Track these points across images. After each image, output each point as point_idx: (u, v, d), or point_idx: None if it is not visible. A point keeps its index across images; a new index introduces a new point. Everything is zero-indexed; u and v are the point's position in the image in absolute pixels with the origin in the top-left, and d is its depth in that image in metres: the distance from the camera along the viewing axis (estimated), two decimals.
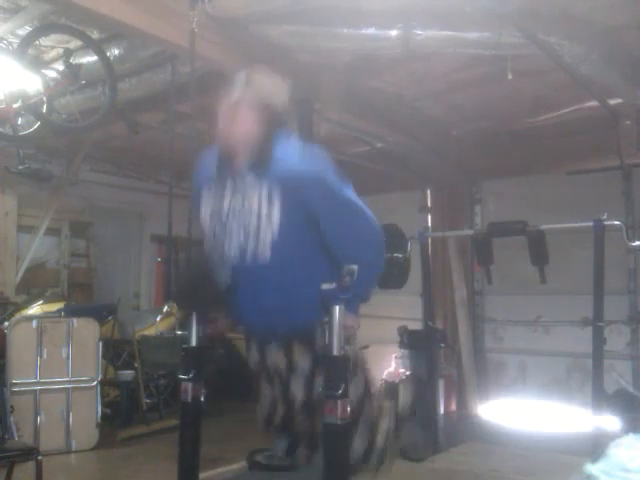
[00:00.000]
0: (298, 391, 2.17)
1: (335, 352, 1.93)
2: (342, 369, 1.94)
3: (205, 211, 2.25)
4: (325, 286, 1.98)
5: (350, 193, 2.20)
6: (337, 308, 1.95)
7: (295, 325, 2.12)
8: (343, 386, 1.91)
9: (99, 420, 5.22)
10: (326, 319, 1.97)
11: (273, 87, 2.21)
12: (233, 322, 2.39)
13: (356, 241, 2.15)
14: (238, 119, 2.15)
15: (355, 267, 1.99)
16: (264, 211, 2.09)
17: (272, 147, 2.15)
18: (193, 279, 2.31)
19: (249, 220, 2.11)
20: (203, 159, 2.35)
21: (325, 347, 1.97)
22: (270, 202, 2.09)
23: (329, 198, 2.13)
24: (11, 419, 4.43)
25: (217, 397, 6.12)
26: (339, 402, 1.89)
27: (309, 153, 2.24)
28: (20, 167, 4.24)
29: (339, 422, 1.89)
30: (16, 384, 4.86)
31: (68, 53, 4.17)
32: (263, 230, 2.09)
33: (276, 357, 2.21)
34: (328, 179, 2.14)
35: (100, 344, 5.36)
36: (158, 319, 6.86)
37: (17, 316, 5.52)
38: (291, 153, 2.18)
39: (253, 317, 2.20)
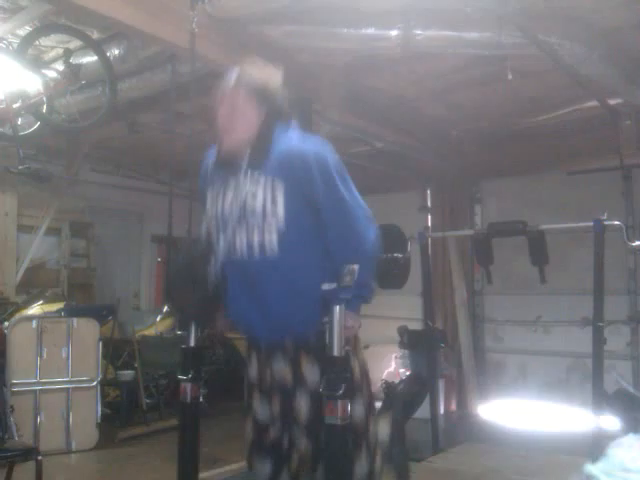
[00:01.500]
0: (304, 405, 2.06)
1: (336, 352, 1.93)
2: (343, 369, 1.94)
3: (210, 210, 2.21)
4: (326, 286, 1.97)
5: (349, 185, 2.16)
6: (337, 308, 1.94)
7: (303, 328, 2.05)
8: (344, 386, 1.90)
9: (99, 420, 5.22)
10: (326, 319, 1.96)
11: (266, 74, 2.16)
12: (233, 323, 2.31)
13: (356, 237, 2.10)
14: (235, 110, 2.10)
15: (356, 267, 1.97)
16: (268, 206, 2.04)
17: (272, 135, 2.10)
18: (184, 279, 2.20)
19: (254, 216, 2.06)
20: (206, 158, 2.31)
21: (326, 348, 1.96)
22: (274, 194, 2.04)
23: (330, 185, 2.07)
24: (11, 419, 4.42)
25: (217, 397, 6.14)
26: (339, 402, 1.89)
27: (311, 138, 2.20)
28: (20, 167, 4.23)
29: (339, 422, 1.89)
30: (16, 384, 4.86)
31: (68, 53, 4.18)
32: (268, 226, 2.04)
33: (281, 368, 2.10)
34: (330, 162, 2.10)
35: (100, 344, 5.36)
36: (158, 319, 6.86)
37: (17, 316, 5.51)
38: (292, 137, 2.13)
39: (258, 319, 2.10)
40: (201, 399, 2.21)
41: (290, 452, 2.11)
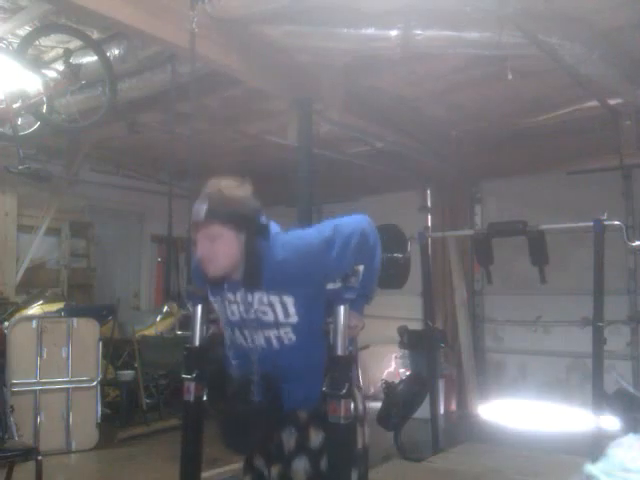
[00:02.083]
0: (301, 470, 2.07)
1: (340, 352, 1.93)
2: (346, 369, 1.94)
3: (221, 315, 2.17)
4: (330, 286, 1.97)
5: (343, 234, 2.06)
6: (342, 308, 1.94)
7: (316, 400, 2.04)
8: (347, 385, 1.90)
9: (99, 420, 5.22)
10: (330, 319, 1.96)
11: (235, 195, 2.04)
12: None
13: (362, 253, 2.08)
14: (214, 243, 2.01)
15: (361, 267, 1.98)
16: (281, 318, 2.02)
17: (260, 254, 2.04)
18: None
19: (269, 326, 2.04)
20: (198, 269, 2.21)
21: (330, 348, 1.97)
22: (285, 309, 2.02)
23: (335, 254, 2.02)
24: (11, 419, 4.43)
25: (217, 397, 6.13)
26: (342, 401, 1.89)
27: (297, 237, 2.12)
28: (20, 167, 4.23)
29: (342, 421, 1.90)
30: (16, 384, 4.87)
31: (68, 53, 4.17)
32: (284, 328, 2.03)
33: (288, 437, 2.11)
34: (323, 249, 2.03)
35: (100, 344, 5.36)
36: (158, 319, 6.87)
37: (17, 316, 5.52)
38: (285, 247, 2.06)
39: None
40: (204, 398, 2.20)
41: None
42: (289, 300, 2.02)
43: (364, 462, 2.14)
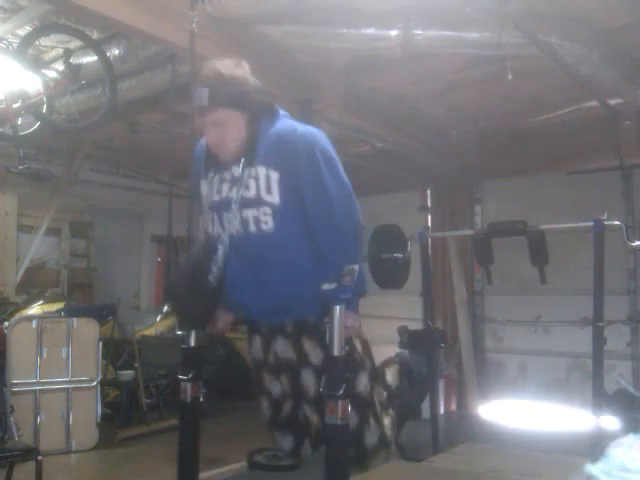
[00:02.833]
0: (310, 382, 2.13)
1: (336, 352, 1.93)
2: (343, 369, 1.94)
3: (207, 200, 2.21)
4: (326, 286, 1.97)
5: (337, 174, 2.13)
6: (338, 308, 1.94)
7: (301, 310, 2.08)
8: (344, 386, 1.90)
9: (99, 420, 5.22)
10: (327, 319, 1.96)
11: (234, 75, 2.07)
12: (234, 318, 2.31)
13: (339, 235, 2.09)
14: (221, 129, 2.05)
15: (356, 267, 1.98)
16: (263, 194, 2.04)
17: (260, 133, 2.07)
18: (186, 284, 2.15)
19: (250, 204, 2.07)
20: (200, 146, 2.28)
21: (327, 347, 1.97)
22: (268, 184, 2.04)
23: (316, 175, 2.06)
24: (11, 419, 4.43)
25: (217, 397, 6.13)
26: (340, 402, 1.89)
27: (302, 126, 2.18)
28: (20, 167, 4.23)
29: (339, 422, 1.89)
30: (16, 384, 4.86)
31: (68, 53, 4.17)
32: (263, 208, 2.04)
33: (284, 350, 2.16)
34: (317, 151, 2.09)
35: (100, 344, 5.36)
36: (158, 319, 6.87)
37: (17, 316, 5.51)
38: (284, 127, 2.11)
39: (256, 300, 2.12)
40: (201, 399, 2.20)
41: (308, 424, 2.19)
42: (274, 175, 2.03)
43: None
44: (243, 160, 2.09)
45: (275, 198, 2.03)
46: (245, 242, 2.09)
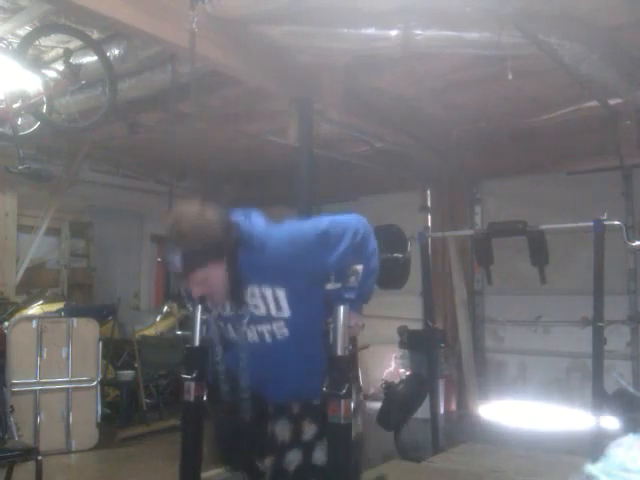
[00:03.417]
0: (296, 459, 2.09)
1: (339, 352, 1.93)
2: (346, 369, 1.95)
3: (212, 319, 2.18)
4: (330, 286, 1.97)
5: (336, 227, 2.06)
6: (342, 308, 1.94)
7: (311, 393, 2.05)
8: (347, 386, 1.91)
9: (99, 420, 5.22)
10: (330, 319, 1.96)
11: (204, 229, 1.96)
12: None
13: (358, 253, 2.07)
14: (206, 285, 2.01)
15: (360, 267, 1.98)
16: (273, 311, 2.03)
17: (242, 269, 2.02)
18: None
19: (261, 321, 2.05)
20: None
21: (330, 348, 1.97)
22: (277, 302, 2.02)
23: (328, 249, 2.01)
24: (11, 419, 4.43)
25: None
26: (342, 402, 1.90)
27: (286, 230, 2.10)
28: (20, 167, 4.23)
29: (342, 422, 1.90)
30: (16, 384, 4.86)
31: (68, 53, 4.17)
32: (276, 322, 2.03)
33: (282, 429, 2.13)
34: (314, 238, 2.03)
35: (100, 344, 5.36)
36: (158, 319, 6.87)
37: (17, 316, 5.52)
38: (274, 242, 2.04)
39: (269, 385, 2.13)
40: (204, 398, 2.20)
41: None
42: (281, 293, 2.01)
43: (358, 451, 2.14)
44: (230, 304, 2.08)
45: (286, 313, 2.02)
46: (261, 348, 2.08)
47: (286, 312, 2.02)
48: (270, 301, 2.03)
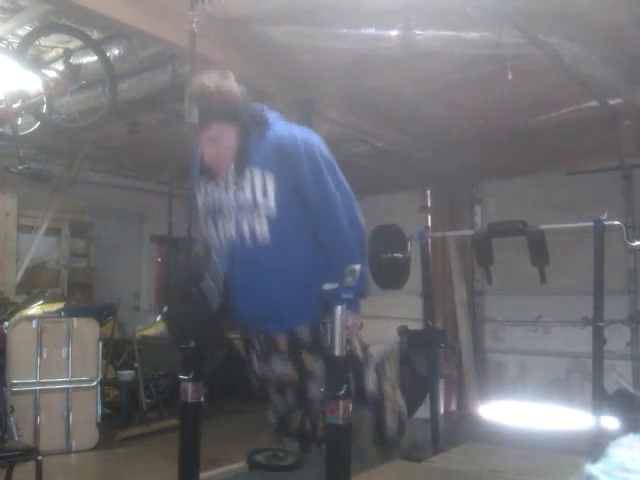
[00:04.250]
0: (316, 394, 2.15)
1: (337, 353, 1.93)
2: (344, 370, 1.94)
3: (202, 209, 2.22)
4: (327, 286, 1.97)
5: (337, 175, 2.15)
6: (339, 308, 1.94)
7: (297, 321, 2.09)
8: (345, 386, 1.90)
9: (99, 420, 5.22)
10: (328, 320, 1.96)
11: (222, 88, 2.06)
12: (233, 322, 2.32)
13: (343, 236, 2.12)
14: (216, 145, 2.08)
15: (357, 267, 1.98)
16: (259, 198, 2.05)
17: (251, 140, 2.09)
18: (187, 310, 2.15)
19: (244, 209, 2.08)
20: (197, 156, 2.30)
21: (328, 348, 1.97)
22: (264, 187, 2.05)
23: (318, 176, 2.08)
24: (11, 419, 4.43)
25: (217, 397, 6.13)
26: (341, 402, 1.89)
27: (298, 127, 2.20)
28: (20, 167, 4.23)
29: (341, 422, 1.90)
30: (16, 384, 4.86)
31: (68, 53, 4.18)
32: (258, 216, 2.06)
33: (283, 367, 2.18)
34: (317, 152, 2.10)
35: (100, 344, 5.36)
36: (158, 319, 6.86)
37: (17, 316, 5.51)
38: (279, 129, 2.13)
39: (252, 309, 2.14)
40: (202, 399, 2.20)
41: (314, 431, 2.23)
42: (270, 178, 2.04)
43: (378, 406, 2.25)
44: (233, 166, 2.11)
45: (270, 202, 2.04)
46: (240, 249, 2.10)
47: (270, 201, 2.03)
48: (257, 183, 2.05)
